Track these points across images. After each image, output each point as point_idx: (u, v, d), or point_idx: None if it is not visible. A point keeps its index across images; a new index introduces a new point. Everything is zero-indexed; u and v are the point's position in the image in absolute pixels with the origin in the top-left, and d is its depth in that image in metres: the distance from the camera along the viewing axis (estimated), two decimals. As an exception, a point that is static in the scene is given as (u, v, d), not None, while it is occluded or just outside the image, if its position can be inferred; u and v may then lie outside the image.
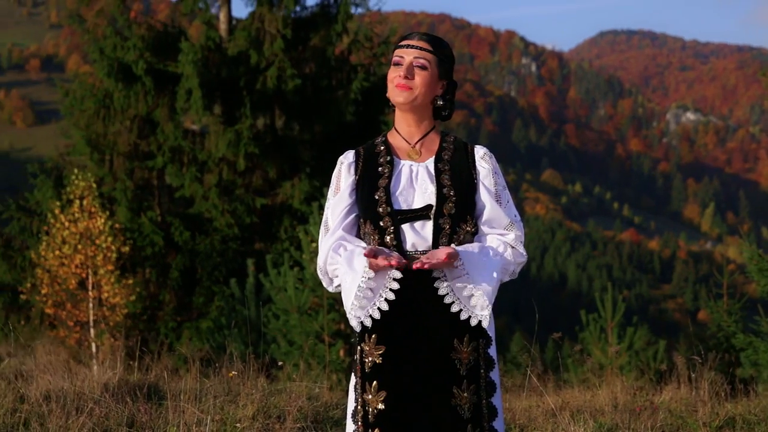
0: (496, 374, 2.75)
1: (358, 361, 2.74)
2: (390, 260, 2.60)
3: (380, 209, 2.72)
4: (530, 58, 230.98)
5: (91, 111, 14.63)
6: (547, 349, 13.73)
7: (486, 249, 2.74)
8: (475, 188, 2.78)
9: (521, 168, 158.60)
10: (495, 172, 2.81)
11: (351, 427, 2.75)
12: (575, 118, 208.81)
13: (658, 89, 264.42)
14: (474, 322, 2.69)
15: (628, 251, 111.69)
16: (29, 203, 14.84)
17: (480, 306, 2.67)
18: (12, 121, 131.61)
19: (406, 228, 2.71)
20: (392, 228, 2.71)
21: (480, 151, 2.84)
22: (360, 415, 2.71)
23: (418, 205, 2.73)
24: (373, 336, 2.70)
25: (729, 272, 8.47)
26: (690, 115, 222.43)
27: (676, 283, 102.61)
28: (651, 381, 6.95)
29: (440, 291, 2.68)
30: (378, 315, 2.67)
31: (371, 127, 14.94)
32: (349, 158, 2.86)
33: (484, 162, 2.81)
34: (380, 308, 2.66)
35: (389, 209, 2.72)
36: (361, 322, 2.68)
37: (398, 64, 2.78)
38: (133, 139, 14.59)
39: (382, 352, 2.69)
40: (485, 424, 2.70)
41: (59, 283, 13.03)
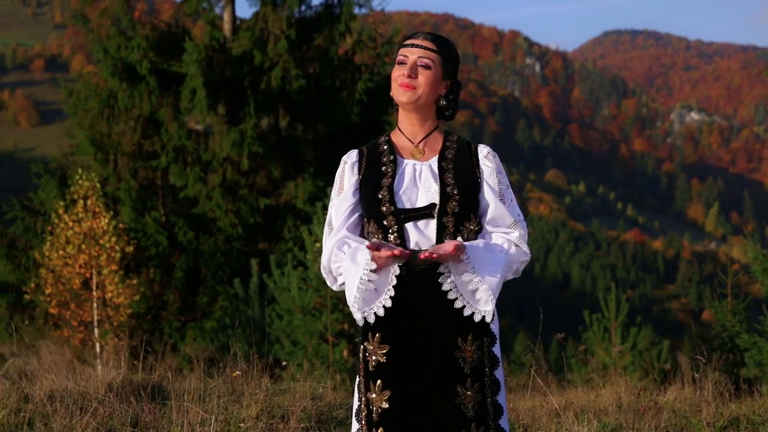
0: (500, 373, 2.75)
1: (362, 360, 2.74)
2: (394, 250, 2.60)
3: (384, 208, 2.72)
4: (534, 58, 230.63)
5: (95, 111, 14.64)
6: (551, 349, 13.73)
7: (491, 245, 2.74)
8: (479, 187, 2.78)
9: (525, 168, 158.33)
10: (498, 171, 2.81)
11: (355, 426, 2.75)
12: (579, 118, 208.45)
13: (662, 89, 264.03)
14: (477, 318, 2.69)
15: (632, 251, 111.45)
16: (33, 203, 14.86)
17: (483, 301, 2.67)
18: (16, 121, 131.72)
19: (410, 227, 2.71)
20: (396, 227, 2.71)
21: (483, 150, 2.84)
22: (364, 414, 2.71)
23: (421, 204, 2.73)
24: (377, 335, 2.70)
25: (733, 272, 8.44)
26: (694, 115, 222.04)
27: (680, 283, 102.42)
28: (655, 381, 6.92)
29: (444, 286, 2.68)
30: (382, 312, 2.67)
31: (375, 127, 14.91)
32: (353, 158, 2.86)
33: (488, 161, 2.81)
34: (385, 306, 2.66)
35: (393, 208, 2.72)
36: (365, 317, 2.69)
37: (402, 63, 2.78)
38: (137, 139, 14.60)
39: (386, 351, 2.69)
40: (491, 423, 2.71)
41: (63, 283, 13.03)
